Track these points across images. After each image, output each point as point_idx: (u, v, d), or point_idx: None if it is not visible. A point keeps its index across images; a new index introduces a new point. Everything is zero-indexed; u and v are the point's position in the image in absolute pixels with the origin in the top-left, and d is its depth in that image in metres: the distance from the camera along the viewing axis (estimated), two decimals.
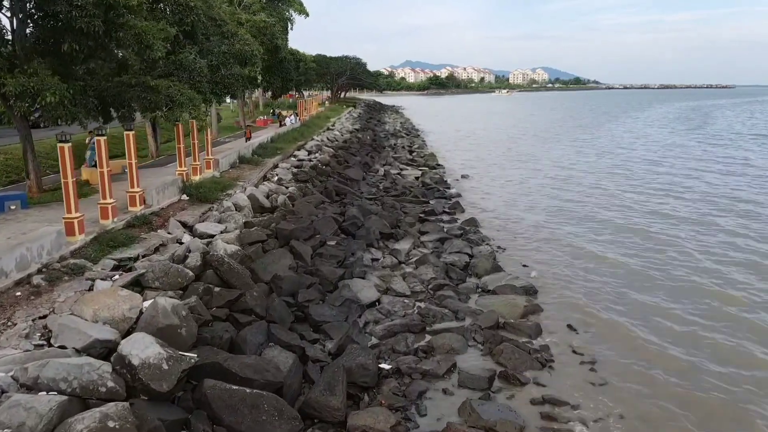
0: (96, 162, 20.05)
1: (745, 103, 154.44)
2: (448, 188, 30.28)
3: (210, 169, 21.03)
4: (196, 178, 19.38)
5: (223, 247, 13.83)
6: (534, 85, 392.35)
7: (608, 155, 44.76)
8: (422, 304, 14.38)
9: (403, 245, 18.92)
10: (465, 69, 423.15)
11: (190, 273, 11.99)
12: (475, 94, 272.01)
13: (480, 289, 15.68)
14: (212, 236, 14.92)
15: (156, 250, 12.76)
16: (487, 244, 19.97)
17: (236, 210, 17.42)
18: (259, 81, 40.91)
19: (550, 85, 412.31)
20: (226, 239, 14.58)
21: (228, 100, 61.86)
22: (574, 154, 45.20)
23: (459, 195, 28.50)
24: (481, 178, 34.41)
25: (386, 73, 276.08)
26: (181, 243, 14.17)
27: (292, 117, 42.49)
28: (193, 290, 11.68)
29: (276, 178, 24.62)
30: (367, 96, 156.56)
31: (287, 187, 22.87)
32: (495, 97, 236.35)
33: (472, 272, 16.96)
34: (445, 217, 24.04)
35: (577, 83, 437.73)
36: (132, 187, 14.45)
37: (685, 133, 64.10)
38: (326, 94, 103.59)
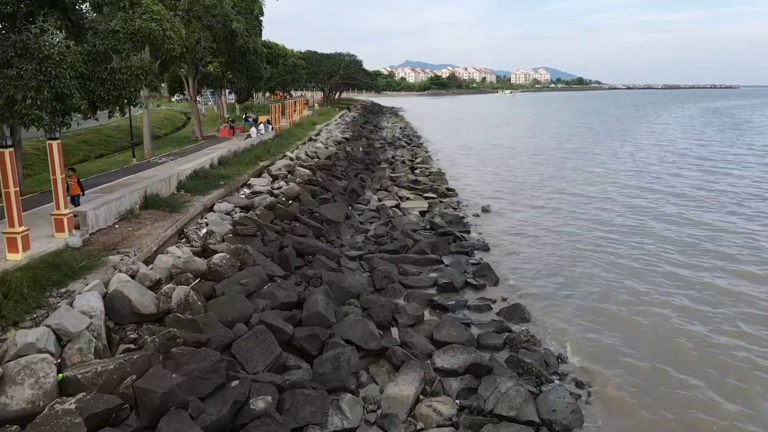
0: None
1: (759, 105, 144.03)
2: (468, 232, 21.26)
3: (63, 231, 11.95)
4: (17, 257, 10.35)
5: None
6: (537, 86, 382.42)
7: (678, 174, 35.21)
8: None
9: (403, 388, 9.98)
10: (466, 69, 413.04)
11: None
12: (476, 94, 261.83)
13: None
14: None
15: None
16: (556, 373, 11.06)
17: (56, 342, 8.34)
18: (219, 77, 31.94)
19: (552, 85, 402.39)
20: None
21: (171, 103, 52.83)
22: (623, 173, 35.78)
23: (485, 246, 19.42)
24: (509, 211, 25.25)
25: (386, 73, 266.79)
26: None
27: (262, 127, 33.23)
28: None
29: (204, 231, 15.57)
30: (365, 97, 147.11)
31: (213, 253, 13.73)
32: (498, 97, 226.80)
33: None
34: (471, 297, 15.09)
35: (580, 83, 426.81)
36: None
37: (745, 147, 53.89)
38: (320, 95, 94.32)
